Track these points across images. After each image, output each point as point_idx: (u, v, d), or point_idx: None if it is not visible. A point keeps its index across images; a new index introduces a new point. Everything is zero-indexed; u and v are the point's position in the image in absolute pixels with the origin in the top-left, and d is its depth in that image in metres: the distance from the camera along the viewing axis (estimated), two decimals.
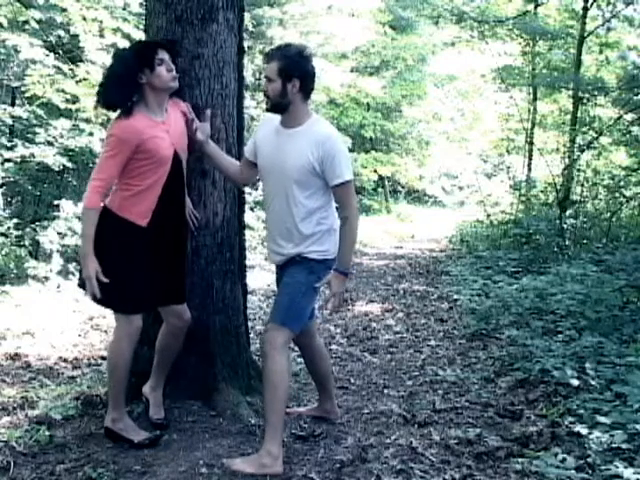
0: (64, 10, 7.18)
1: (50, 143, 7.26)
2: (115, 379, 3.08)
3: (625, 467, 2.87)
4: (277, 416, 2.92)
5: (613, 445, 3.09)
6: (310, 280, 3.00)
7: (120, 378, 3.06)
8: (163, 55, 3.00)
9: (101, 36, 7.22)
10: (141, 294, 3.02)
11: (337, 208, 3.10)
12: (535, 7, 13.00)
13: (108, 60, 6.98)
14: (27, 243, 7.10)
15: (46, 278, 6.51)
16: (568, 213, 9.90)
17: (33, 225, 7.21)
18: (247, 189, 8.44)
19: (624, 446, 3.06)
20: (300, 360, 4.06)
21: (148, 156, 2.94)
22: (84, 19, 7.13)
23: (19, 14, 7.31)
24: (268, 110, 3.07)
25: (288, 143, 2.98)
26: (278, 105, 2.98)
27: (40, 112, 7.47)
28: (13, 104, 8.32)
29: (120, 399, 3.11)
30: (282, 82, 2.91)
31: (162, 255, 3.08)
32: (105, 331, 5.50)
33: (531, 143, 12.81)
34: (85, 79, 7.16)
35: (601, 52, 12.73)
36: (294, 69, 2.91)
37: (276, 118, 3.07)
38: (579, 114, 10.88)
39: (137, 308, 3.05)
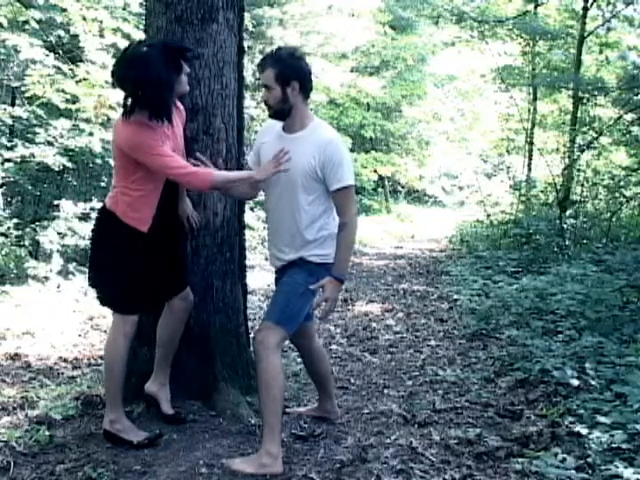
0: (64, 10, 7.17)
1: (50, 143, 7.25)
2: (112, 378, 3.07)
3: (625, 467, 2.87)
4: (274, 416, 2.91)
5: (613, 445, 3.09)
6: (309, 282, 3.00)
7: (117, 377, 3.06)
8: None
9: (101, 36, 7.22)
10: (140, 295, 3.04)
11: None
12: (535, 7, 13.00)
13: (108, 60, 7.05)
14: (27, 243, 7.10)
15: (46, 278, 6.51)
16: (568, 213, 9.90)
17: (33, 225, 7.21)
18: None
19: (624, 446, 3.06)
20: (300, 360, 4.06)
21: None
22: (84, 19, 7.12)
23: (19, 14, 7.30)
24: (271, 117, 3.06)
25: (290, 148, 2.96)
26: (281, 111, 2.98)
27: (40, 112, 7.46)
28: (13, 104, 8.31)
29: (117, 399, 3.10)
30: (281, 88, 2.91)
31: (161, 256, 3.10)
32: (105, 331, 5.49)
33: (531, 143, 12.81)
34: (85, 79, 7.15)
35: (601, 52, 12.73)
36: (291, 72, 2.91)
37: (277, 124, 3.06)
38: (579, 114, 10.88)
39: (136, 309, 3.06)
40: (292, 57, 2.95)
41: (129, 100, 2.92)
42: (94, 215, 6.92)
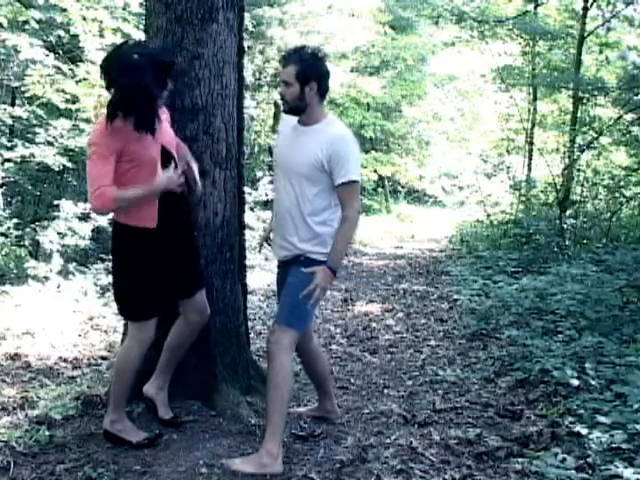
0: (64, 10, 7.16)
1: (50, 143, 7.25)
2: (120, 383, 3.08)
3: (625, 467, 2.87)
4: (279, 416, 2.93)
5: (613, 445, 3.09)
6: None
7: (125, 383, 3.07)
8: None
9: (101, 36, 7.21)
10: (154, 298, 3.04)
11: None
12: (535, 7, 13.00)
13: None
14: (27, 243, 7.09)
15: (46, 278, 6.50)
16: (568, 213, 9.89)
17: (33, 225, 7.20)
18: (247, 189, 8.44)
19: (624, 446, 3.07)
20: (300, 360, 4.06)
21: (132, 158, 2.90)
22: (84, 19, 7.12)
23: (19, 14, 7.30)
24: (285, 112, 3.15)
25: (301, 139, 3.05)
26: (296, 108, 3.05)
27: (40, 112, 7.46)
28: (13, 104, 8.32)
29: (122, 402, 3.11)
30: (300, 86, 2.98)
31: (172, 254, 3.09)
32: (105, 331, 5.50)
33: (531, 143, 12.80)
34: (85, 79, 7.15)
35: (601, 52, 12.72)
36: (311, 72, 2.99)
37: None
38: (579, 114, 10.88)
39: (152, 313, 3.05)
40: (315, 57, 3.03)
41: (114, 104, 2.88)
42: (94, 215, 7.00)
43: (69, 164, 7.49)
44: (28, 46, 6.86)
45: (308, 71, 2.98)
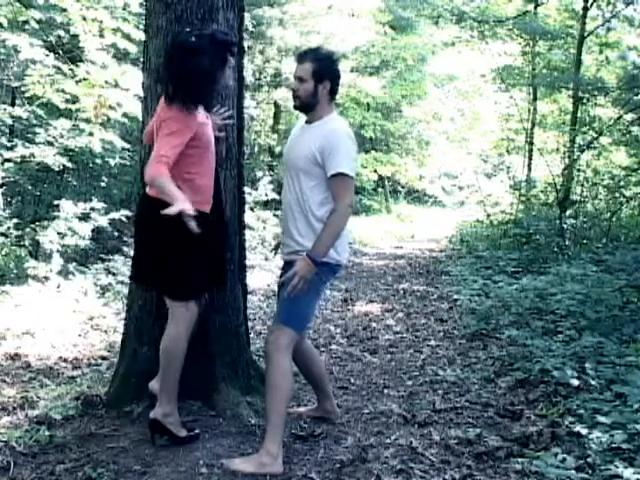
0: (64, 10, 7.16)
1: (50, 143, 7.25)
2: (173, 372, 3.04)
3: (625, 467, 2.87)
4: (279, 416, 2.94)
5: (613, 445, 3.09)
6: (313, 280, 3.01)
7: (177, 371, 3.04)
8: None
9: (101, 36, 7.21)
10: (201, 279, 3.06)
11: None
12: (535, 7, 13.02)
13: (108, 60, 7.06)
14: (27, 243, 7.09)
15: (46, 278, 6.50)
16: (568, 213, 9.90)
17: (33, 225, 7.20)
18: (247, 189, 8.44)
19: (624, 446, 3.06)
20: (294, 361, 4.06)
21: (200, 140, 2.98)
22: (84, 19, 7.12)
23: (19, 14, 7.30)
24: (295, 108, 3.23)
25: (303, 136, 3.14)
26: (307, 105, 3.14)
27: (40, 112, 7.46)
28: (13, 104, 8.32)
29: (174, 392, 3.06)
30: (314, 83, 3.07)
31: (217, 239, 3.15)
32: (105, 331, 5.50)
33: (531, 143, 12.81)
34: (85, 79, 7.15)
35: (601, 52, 12.74)
36: (327, 71, 3.09)
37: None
38: (579, 114, 10.89)
39: (197, 293, 3.08)
40: (330, 59, 3.14)
41: (170, 87, 2.96)
42: (94, 215, 7.00)
43: (69, 164, 7.49)
44: (28, 46, 6.86)
45: (324, 70, 3.07)
